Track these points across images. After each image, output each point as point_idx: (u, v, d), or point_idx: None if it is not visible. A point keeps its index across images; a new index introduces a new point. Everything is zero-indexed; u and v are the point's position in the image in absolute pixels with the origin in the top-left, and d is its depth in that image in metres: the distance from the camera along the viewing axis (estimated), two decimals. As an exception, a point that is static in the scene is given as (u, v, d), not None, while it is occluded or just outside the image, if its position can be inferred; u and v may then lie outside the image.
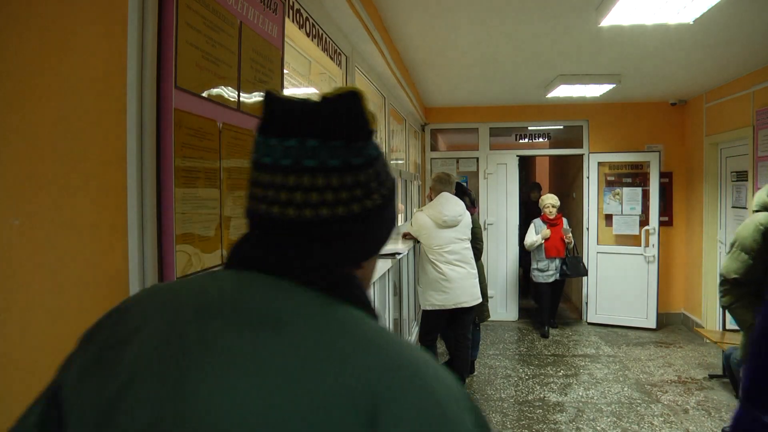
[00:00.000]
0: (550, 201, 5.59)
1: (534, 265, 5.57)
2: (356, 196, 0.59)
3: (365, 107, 0.60)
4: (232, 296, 0.54)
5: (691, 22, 2.96)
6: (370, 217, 0.60)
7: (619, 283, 5.81)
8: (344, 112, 0.58)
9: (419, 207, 4.64)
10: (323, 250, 0.58)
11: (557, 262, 5.46)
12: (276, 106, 0.59)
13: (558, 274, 5.45)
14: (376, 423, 0.45)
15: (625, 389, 4.10)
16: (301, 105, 0.58)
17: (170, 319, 0.54)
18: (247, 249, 0.59)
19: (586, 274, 5.65)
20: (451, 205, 3.77)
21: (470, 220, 3.92)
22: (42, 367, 0.75)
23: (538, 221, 5.60)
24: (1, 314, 0.70)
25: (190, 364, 0.49)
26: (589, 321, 5.98)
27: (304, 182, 0.56)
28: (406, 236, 4.23)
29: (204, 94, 1.09)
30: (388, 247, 3.71)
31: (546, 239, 5.43)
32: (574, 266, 5.47)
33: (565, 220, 5.59)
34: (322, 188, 0.57)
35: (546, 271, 5.46)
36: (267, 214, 0.58)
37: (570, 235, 5.45)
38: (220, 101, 1.15)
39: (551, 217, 5.52)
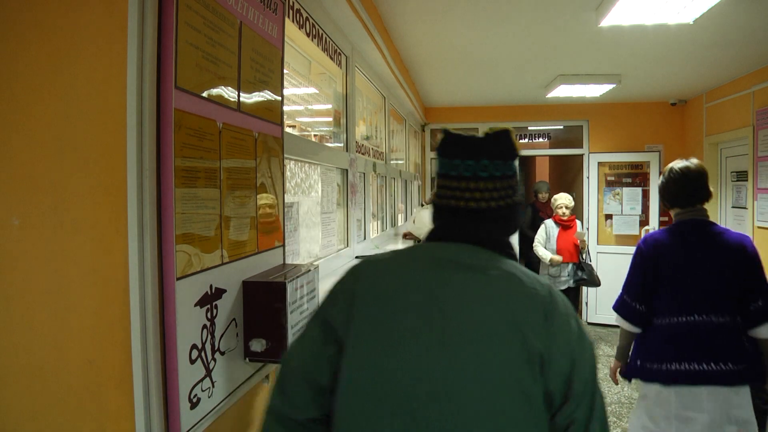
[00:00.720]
0: (563, 201, 4.96)
1: (544, 272, 5.00)
2: (509, 194, 0.97)
3: (515, 139, 0.99)
4: (453, 255, 0.93)
5: (691, 22, 2.96)
6: (514, 207, 0.99)
7: (619, 283, 5.64)
8: (503, 142, 0.97)
9: (420, 203, 4.62)
10: (494, 227, 0.97)
11: (570, 267, 4.88)
12: (455, 139, 0.99)
13: (572, 281, 4.86)
14: (548, 319, 0.87)
15: (625, 389, 4.10)
16: (473, 138, 0.98)
17: (412, 270, 0.93)
18: (449, 229, 0.98)
19: (599, 285, 4.98)
20: None
21: None
22: (42, 366, 0.75)
23: (549, 222, 4.99)
24: (1, 314, 0.70)
25: (434, 291, 0.88)
26: (589, 321, 5.98)
27: (480, 186, 0.95)
28: (407, 236, 4.23)
29: (204, 94, 1.09)
30: (389, 247, 3.72)
31: (556, 264, 4.85)
32: (589, 273, 4.87)
33: (579, 222, 4.97)
34: (491, 189, 0.95)
35: (558, 278, 4.88)
36: (456, 206, 0.96)
37: (585, 239, 4.88)
38: (220, 101, 1.15)
39: (564, 219, 4.91)
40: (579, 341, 0.89)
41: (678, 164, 2.19)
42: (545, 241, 4.96)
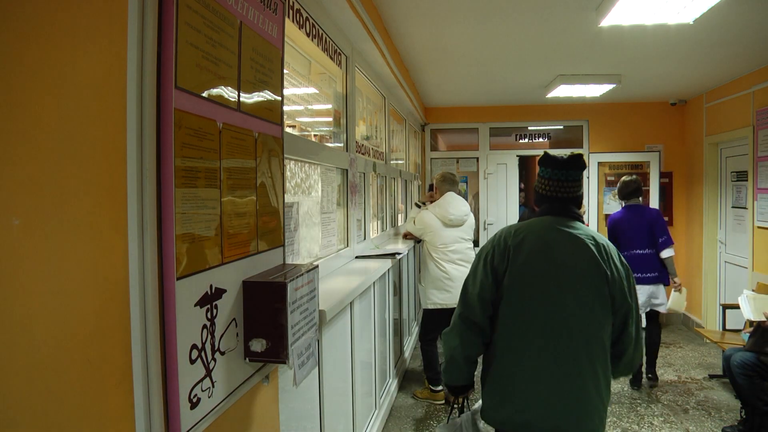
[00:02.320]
0: None
1: None
2: (580, 188, 1.81)
3: (584, 159, 1.80)
4: (557, 223, 1.75)
5: (691, 22, 2.96)
6: (582, 195, 1.82)
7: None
8: (577, 160, 1.77)
9: (417, 200, 4.62)
10: (574, 206, 1.79)
11: None
12: (552, 158, 1.79)
13: None
14: (607, 254, 1.71)
15: (625, 389, 4.10)
16: (562, 158, 1.77)
17: (538, 232, 1.73)
18: (554, 208, 1.77)
19: None
20: (458, 204, 3.78)
21: (473, 221, 3.94)
22: (42, 366, 0.75)
23: None
24: (1, 314, 0.70)
25: (552, 242, 1.71)
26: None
27: (567, 185, 1.77)
28: (407, 236, 4.23)
29: (204, 94, 1.09)
30: (389, 247, 3.72)
31: None
32: None
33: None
34: (573, 186, 1.78)
35: None
36: (554, 196, 1.78)
37: None
38: (220, 101, 1.15)
39: None
40: (623, 266, 1.72)
41: (626, 178, 4.26)
42: None
